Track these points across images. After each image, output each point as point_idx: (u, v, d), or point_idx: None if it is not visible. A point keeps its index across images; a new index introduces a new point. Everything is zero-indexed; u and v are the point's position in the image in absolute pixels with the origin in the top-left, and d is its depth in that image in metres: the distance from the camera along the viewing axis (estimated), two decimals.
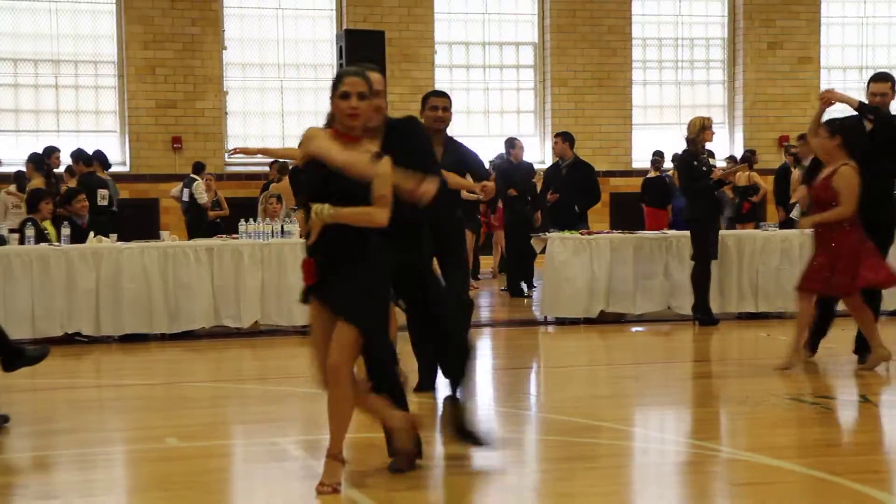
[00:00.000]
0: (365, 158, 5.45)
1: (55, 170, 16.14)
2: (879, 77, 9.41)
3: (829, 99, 9.38)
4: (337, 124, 5.61)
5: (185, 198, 17.19)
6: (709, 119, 12.66)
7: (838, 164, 8.96)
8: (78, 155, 16.12)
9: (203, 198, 17.00)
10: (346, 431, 5.65)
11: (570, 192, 14.74)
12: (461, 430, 6.29)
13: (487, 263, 18.71)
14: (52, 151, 16.64)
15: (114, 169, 17.96)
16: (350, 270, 5.50)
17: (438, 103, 8.05)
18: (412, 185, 5.57)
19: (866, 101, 9.34)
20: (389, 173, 5.58)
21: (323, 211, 5.37)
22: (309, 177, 5.46)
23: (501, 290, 16.58)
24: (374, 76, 5.98)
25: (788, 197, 14.61)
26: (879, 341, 9.16)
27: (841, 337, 9.90)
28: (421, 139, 6.17)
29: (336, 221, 5.42)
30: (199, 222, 16.42)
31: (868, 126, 9.25)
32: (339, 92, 5.56)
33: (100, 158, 16.97)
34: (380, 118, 6.01)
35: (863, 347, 9.40)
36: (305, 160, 5.54)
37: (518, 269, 16.11)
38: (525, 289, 15.98)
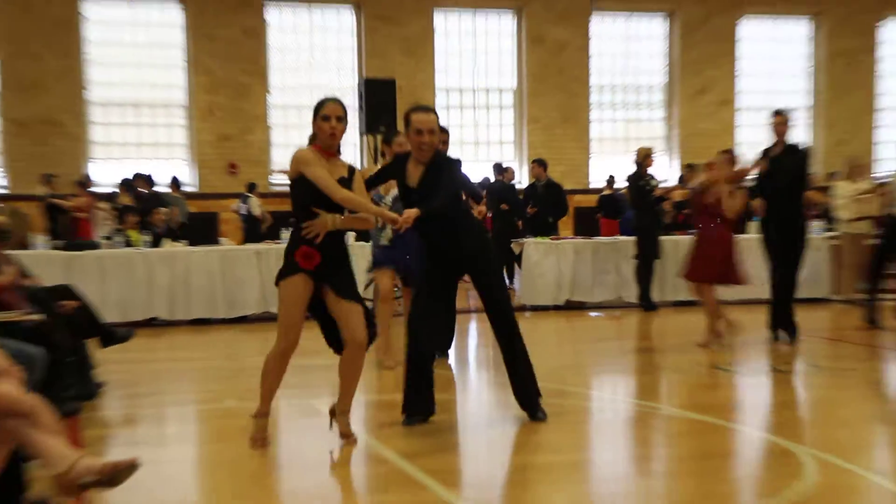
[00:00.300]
0: (360, 197, 5.55)
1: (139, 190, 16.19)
2: (779, 112, 9.60)
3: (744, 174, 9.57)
4: (318, 141, 5.63)
5: (244, 211, 17.25)
6: (651, 149, 12.74)
7: (733, 187, 9.13)
8: (144, 179, 16.20)
9: (257, 210, 17.07)
10: None
11: (545, 206, 14.85)
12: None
13: None
14: (137, 176, 16.70)
15: (185, 189, 18.07)
16: (345, 265, 5.66)
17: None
18: (393, 216, 5.73)
19: (770, 134, 9.56)
20: (363, 187, 5.77)
21: (336, 220, 5.51)
22: (314, 189, 5.48)
23: None
24: (432, 118, 6.05)
25: None
26: (722, 316, 9.34)
27: (751, 320, 9.95)
28: (449, 174, 6.07)
29: (343, 227, 5.59)
30: (255, 230, 16.48)
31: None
32: (321, 115, 5.61)
33: (174, 181, 17.06)
34: (432, 151, 6.03)
35: (781, 325, 9.46)
36: (296, 175, 5.58)
37: (503, 267, 16.19)
38: (507, 282, 16.04)
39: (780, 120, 9.49)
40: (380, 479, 5.23)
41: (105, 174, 18.59)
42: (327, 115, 5.58)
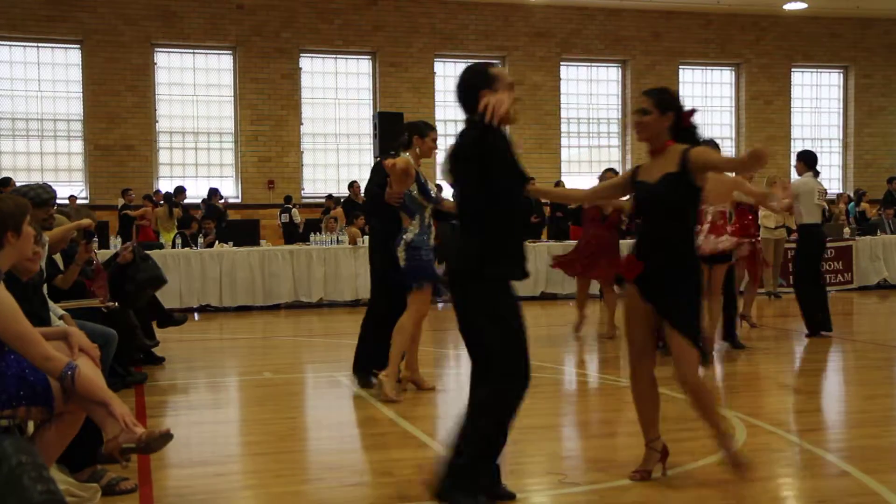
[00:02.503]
0: None
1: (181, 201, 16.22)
2: None
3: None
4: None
5: (285, 220, 17.29)
6: (614, 171, 12.59)
7: None
8: (172, 193, 16.22)
9: (297, 218, 17.15)
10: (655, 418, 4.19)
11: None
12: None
13: None
14: (181, 190, 16.75)
15: (231, 201, 18.02)
16: (677, 284, 3.92)
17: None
18: None
19: None
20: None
21: None
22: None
23: None
24: None
25: None
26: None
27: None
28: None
29: None
30: (293, 234, 16.46)
31: None
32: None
33: (216, 193, 16.99)
34: None
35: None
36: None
37: None
38: None
39: None
40: (389, 438, 5.11)
41: (167, 189, 18.51)
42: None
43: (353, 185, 16.72)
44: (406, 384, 6.13)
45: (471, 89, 3.69)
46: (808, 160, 8.61)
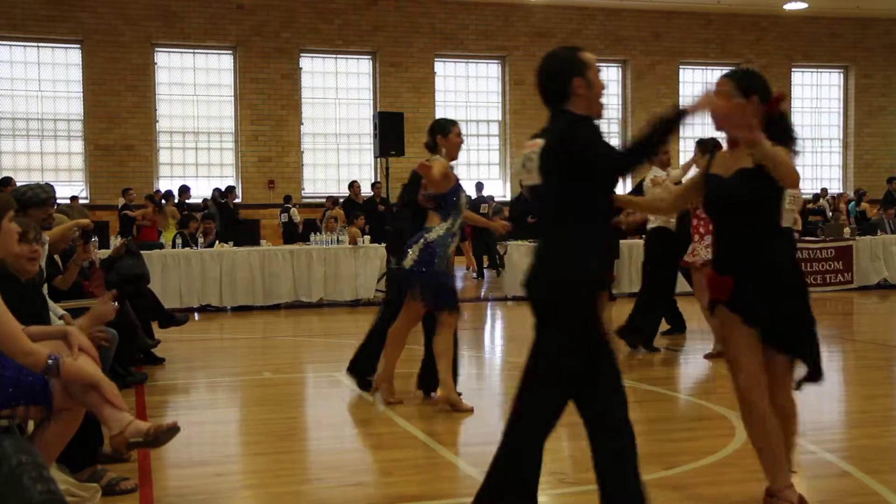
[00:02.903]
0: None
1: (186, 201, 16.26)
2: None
3: None
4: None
5: (285, 220, 17.31)
6: None
7: None
8: (168, 194, 16.28)
9: (297, 218, 17.17)
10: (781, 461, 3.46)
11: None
12: None
13: (460, 261, 18.63)
14: (185, 189, 16.76)
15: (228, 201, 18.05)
16: (779, 296, 3.37)
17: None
18: None
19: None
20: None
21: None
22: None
23: (473, 276, 16.48)
24: None
25: None
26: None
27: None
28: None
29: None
30: (293, 234, 16.47)
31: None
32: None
33: (231, 191, 17.07)
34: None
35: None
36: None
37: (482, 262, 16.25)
38: (497, 273, 16.05)
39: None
40: (389, 438, 5.10)
41: (167, 188, 18.51)
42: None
43: (353, 185, 16.73)
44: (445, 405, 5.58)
45: (559, 76, 3.42)
46: None
